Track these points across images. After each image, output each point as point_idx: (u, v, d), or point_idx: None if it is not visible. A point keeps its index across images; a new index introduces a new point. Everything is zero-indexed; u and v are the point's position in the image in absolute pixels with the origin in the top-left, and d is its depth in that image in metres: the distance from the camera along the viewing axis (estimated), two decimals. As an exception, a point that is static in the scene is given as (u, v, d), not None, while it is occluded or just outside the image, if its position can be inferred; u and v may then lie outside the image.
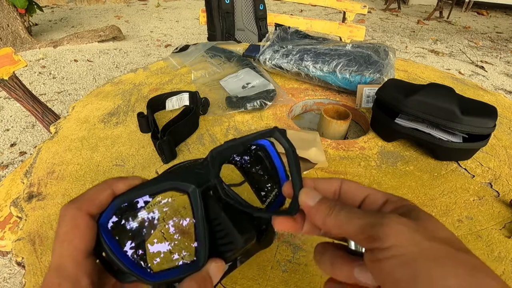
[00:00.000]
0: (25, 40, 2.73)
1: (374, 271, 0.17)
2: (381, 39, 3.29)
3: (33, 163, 0.49)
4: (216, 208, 0.22)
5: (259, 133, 0.24)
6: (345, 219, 0.19)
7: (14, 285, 1.02)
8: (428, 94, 0.51)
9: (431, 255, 0.16)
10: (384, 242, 0.16)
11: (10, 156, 1.52)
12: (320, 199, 0.21)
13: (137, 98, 0.67)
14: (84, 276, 0.18)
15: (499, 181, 0.50)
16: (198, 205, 0.22)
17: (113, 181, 0.21)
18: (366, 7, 1.32)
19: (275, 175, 0.29)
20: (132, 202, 0.21)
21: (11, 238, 0.72)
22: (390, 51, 0.72)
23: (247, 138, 0.25)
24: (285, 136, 0.23)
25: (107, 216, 0.20)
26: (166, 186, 0.22)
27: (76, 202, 0.20)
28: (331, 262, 0.21)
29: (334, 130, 0.59)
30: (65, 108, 1.89)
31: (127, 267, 0.19)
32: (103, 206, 0.20)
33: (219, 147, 0.25)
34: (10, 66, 0.81)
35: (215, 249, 0.22)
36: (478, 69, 2.63)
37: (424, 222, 0.18)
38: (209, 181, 0.23)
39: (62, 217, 0.19)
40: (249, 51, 0.82)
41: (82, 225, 0.19)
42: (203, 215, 0.22)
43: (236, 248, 0.21)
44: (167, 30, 3.34)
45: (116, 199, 0.21)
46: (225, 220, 0.22)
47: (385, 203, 0.20)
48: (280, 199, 0.27)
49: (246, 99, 0.63)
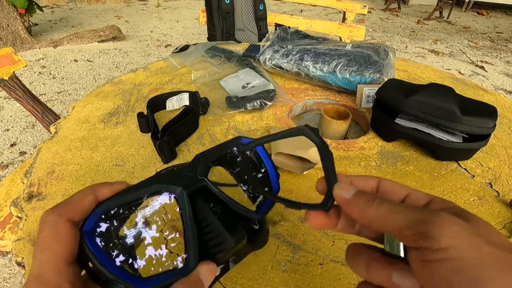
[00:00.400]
0: (25, 40, 2.73)
1: (421, 272, 0.16)
2: (381, 39, 3.29)
3: (33, 163, 0.49)
4: (205, 209, 0.22)
5: (287, 131, 0.24)
6: (388, 212, 0.18)
7: (14, 285, 1.02)
8: (428, 94, 0.51)
9: (493, 262, 0.14)
10: (439, 242, 0.15)
11: (10, 156, 1.52)
12: (357, 191, 0.20)
13: (137, 98, 0.67)
14: (66, 284, 0.18)
15: (499, 181, 0.50)
16: (186, 207, 0.21)
17: (97, 187, 0.21)
18: (366, 7, 1.32)
19: (265, 174, 0.29)
20: (117, 207, 0.21)
21: (11, 238, 0.72)
22: (390, 51, 0.72)
23: (232, 140, 0.26)
24: (317, 134, 0.23)
25: (91, 223, 0.20)
26: (152, 190, 0.22)
27: (57, 208, 0.19)
28: (366, 264, 0.19)
29: (334, 130, 0.59)
30: (65, 108, 1.89)
31: (112, 274, 0.18)
32: (85, 212, 0.20)
33: (206, 150, 0.25)
34: (10, 66, 0.81)
35: (205, 251, 0.21)
36: (478, 69, 2.63)
37: (478, 225, 0.16)
38: (197, 182, 0.23)
39: (43, 224, 0.19)
40: (249, 51, 0.82)
41: (63, 232, 0.18)
42: (191, 217, 0.21)
43: (227, 248, 0.21)
44: (167, 30, 3.34)
45: (99, 206, 0.20)
46: (214, 221, 0.22)
47: (429, 203, 0.19)
48: (269, 202, 0.27)
49: (246, 99, 0.63)
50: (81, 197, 0.20)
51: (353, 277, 0.35)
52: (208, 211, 0.22)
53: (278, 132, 0.24)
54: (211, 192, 0.23)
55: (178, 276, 0.20)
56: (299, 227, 0.40)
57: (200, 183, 0.23)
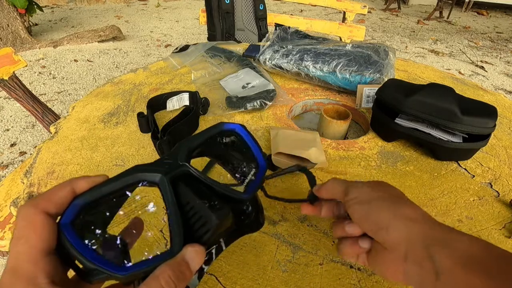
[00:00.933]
0: (25, 40, 2.73)
1: (349, 212, 0.29)
2: (381, 39, 3.29)
3: (33, 163, 0.49)
4: (188, 193, 0.22)
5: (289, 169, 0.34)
6: (335, 185, 0.31)
7: (14, 285, 1.02)
8: (428, 94, 0.51)
9: (376, 198, 0.28)
10: (350, 195, 0.29)
11: (10, 156, 1.52)
12: (321, 186, 0.33)
13: (137, 98, 0.67)
14: (42, 275, 0.17)
15: (499, 181, 0.50)
16: (168, 192, 0.21)
17: (75, 179, 0.21)
18: (366, 7, 1.32)
19: (251, 155, 0.29)
20: (97, 199, 0.21)
21: (11, 238, 0.72)
22: (390, 51, 0.72)
23: (214, 127, 0.28)
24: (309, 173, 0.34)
25: (69, 215, 0.20)
26: (132, 179, 0.21)
27: (32, 200, 0.19)
28: (336, 225, 0.31)
29: (334, 130, 0.59)
30: (65, 108, 1.89)
31: (93, 263, 0.18)
32: (62, 204, 0.20)
33: (186, 138, 0.26)
34: (10, 66, 0.81)
35: (191, 235, 0.21)
36: (478, 69, 2.63)
37: (377, 185, 0.30)
38: (177, 168, 0.23)
39: (18, 216, 0.19)
40: (249, 51, 0.82)
41: (38, 223, 0.18)
42: (174, 201, 0.21)
43: (211, 227, 0.21)
44: (167, 30, 3.34)
45: (76, 198, 0.20)
46: (196, 203, 0.21)
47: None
48: (260, 176, 0.28)
49: (246, 99, 0.63)
50: (57, 189, 0.20)
51: (353, 277, 0.35)
52: (190, 194, 0.22)
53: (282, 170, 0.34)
54: (195, 177, 0.23)
55: (163, 260, 0.20)
56: (299, 227, 0.40)
57: (181, 168, 0.23)
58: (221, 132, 0.29)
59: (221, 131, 0.29)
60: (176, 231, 0.20)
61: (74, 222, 0.20)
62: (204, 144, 0.27)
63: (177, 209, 0.21)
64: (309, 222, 0.41)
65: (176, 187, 0.22)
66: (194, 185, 0.23)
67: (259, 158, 0.30)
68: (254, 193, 0.27)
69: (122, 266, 0.19)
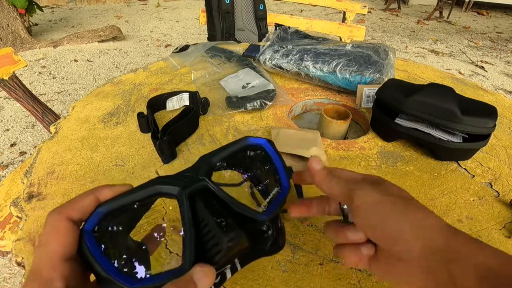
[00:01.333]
0: (25, 40, 2.73)
1: (355, 220, 0.26)
2: (381, 39, 3.29)
3: (33, 163, 0.49)
4: (203, 209, 0.22)
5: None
6: (333, 184, 0.28)
7: (14, 285, 1.02)
8: (428, 94, 0.51)
9: (383, 202, 0.25)
10: (356, 201, 0.25)
11: (10, 156, 1.52)
12: (323, 166, 0.29)
13: (137, 98, 0.67)
14: (58, 279, 0.18)
15: (499, 181, 0.50)
16: (184, 206, 0.21)
17: (99, 188, 0.21)
18: (366, 7, 1.32)
19: (275, 173, 0.28)
20: (119, 208, 0.21)
21: (11, 238, 0.72)
22: (390, 51, 0.72)
23: (239, 141, 0.27)
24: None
25: (91, 222, 0.20)
26: (152, 191, 0.22)
27: (58, 207, 0.20)
28: (334, 230, 0.29)
29: (334, 130, 0.59)
30: (65, 108, 1.89)
31: (106, 273, 0.19)
32: (85, 211, 0.20)
33: (209, 152, 0.25)
34: (10, 66, 0.81)
35: (204, 253, 0.21)
36: (478, 69, 2.64)
37: (385, 186, 0.26)
38: (196, 183, 0.22)
39: (45, 222, 0.20)
40: (249, 51, 0.82)
41: (61, 229, 0.19)
42: (190, 217, 0.21)
43: (222, 249, 0.20)
44: (167, 30, 3.34)
45: (100, 206, 0.20)
46: (211, 222, 0.21)
47: (362, 178, 0.28)
48: (282, 196, 0.27)
49: (246, 99, 0.63)
50: (82, 197, 0.21)
51: (353, 277, 0.35)
52: (206, 211, 0.22)
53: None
54: (213, 193, 0.23)
55: (173, 277, 0.19)
56: (299, 227, 0.40)
57: (200, 183, 0.23)
58: (245, 147, 0.28)
59: (246, 146, 0.27)
60: (188, 248, 0.20)
61: (96, 229, 0.20)
62: (227, 158, 0.26)
63: (192, 225, 0.21)
64: (309, 222, 0.41)
65: (194, 202, 0.22)
66: (211, 201, 0.23)
67: (282, 178, 0.28)
68: (274, 214, 0.26)
69: (133, 279, 0.19)
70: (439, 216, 0.24)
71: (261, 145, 0.28)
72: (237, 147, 0.27)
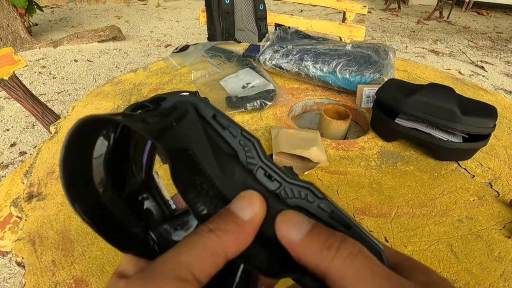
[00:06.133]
0: (25, 40, 2.73)
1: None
2: (381, 39, 3.29)
3: (33, 163, 0.49)
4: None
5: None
6: (367, 274, 0.13)
7: (14, 285, 1.02)
8: (428, 94, 0.51)
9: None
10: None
11: (10, 156, 1.52)
12: (311, 228, 0.14)
13: (137, 98, 0.67)
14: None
15: (499, 181, 0.50)
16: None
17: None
18: (366, 7, 1.32)
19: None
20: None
21: (11, 238, 0.72)
22: (390, 51, 0.72)
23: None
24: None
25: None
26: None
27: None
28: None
29: (334, 130, 0.59)
30: (65, 108, 1.89)
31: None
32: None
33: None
34: (10, 66, 0.81)
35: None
36: (478, 69, 2.63)
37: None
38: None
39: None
40: (249, 51, 0.82)
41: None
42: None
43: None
44: (167, 30, 3.34)
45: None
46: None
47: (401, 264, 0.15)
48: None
49: (246, 99, 0.63)
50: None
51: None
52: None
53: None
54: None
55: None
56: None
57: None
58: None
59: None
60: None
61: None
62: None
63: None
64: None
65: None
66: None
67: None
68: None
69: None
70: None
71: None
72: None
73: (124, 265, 0.16)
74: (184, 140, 0.15)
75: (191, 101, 0.17)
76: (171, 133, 0.15)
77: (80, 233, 0.39)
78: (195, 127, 0.16)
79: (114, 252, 0.37)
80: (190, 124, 0.16)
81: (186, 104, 0.17)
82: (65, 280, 0.34)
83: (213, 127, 0.17)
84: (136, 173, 0.19)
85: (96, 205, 0.16)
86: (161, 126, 0.15)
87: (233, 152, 0.17)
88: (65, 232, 0.39)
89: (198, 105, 0.17)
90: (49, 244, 0.38)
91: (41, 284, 0.34)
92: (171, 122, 0.15)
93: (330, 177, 0.49)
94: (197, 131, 0.16)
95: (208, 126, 0.17)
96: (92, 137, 0.16)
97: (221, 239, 0.14)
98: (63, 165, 0.14)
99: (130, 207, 0.18)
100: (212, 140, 0.17)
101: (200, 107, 0.17)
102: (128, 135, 0.18)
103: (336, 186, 0.47)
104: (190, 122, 0.16)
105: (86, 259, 0.36)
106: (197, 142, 0.16)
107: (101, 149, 0.16)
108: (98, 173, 0.16)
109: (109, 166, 0.16)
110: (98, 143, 0.16)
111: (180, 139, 0.15)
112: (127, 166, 0.18)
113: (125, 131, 0.17)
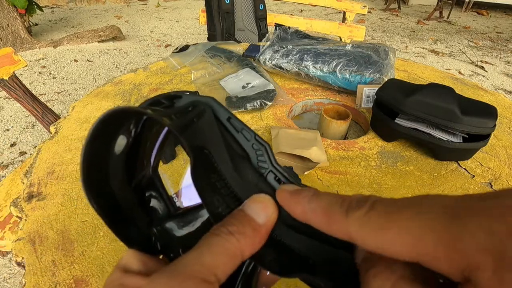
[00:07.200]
0: (25, 40, 2.72)
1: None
2: (381, 39, 3.29)
3: (33, 163, 0.49)
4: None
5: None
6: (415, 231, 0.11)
7: (14, 285, 1.02)
8: (428, 94, 0.51)
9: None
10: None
11: (10, 156, 1.52)
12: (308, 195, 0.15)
13: (137, 98, 0.67)
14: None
15: (499, 181, 0.50)
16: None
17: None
18: (366, 7, 1.32)
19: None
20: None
21: (11, 238, 0.72)
22: (390, 51, 0.72)
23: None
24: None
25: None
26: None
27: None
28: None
29: (334, 130, 0.59)
30: (65, 108, 1.89)
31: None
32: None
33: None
34: (10, 66, 0.81)
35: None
36: (478, 69, 2.63)
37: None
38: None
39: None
40: (249, 51, 0.82)
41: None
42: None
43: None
44: (167, 30, 3.34)
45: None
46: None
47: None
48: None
49: (246, 99, 0.63)
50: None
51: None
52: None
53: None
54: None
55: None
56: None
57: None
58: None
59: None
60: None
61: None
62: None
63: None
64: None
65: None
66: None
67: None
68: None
69: None
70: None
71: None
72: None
73: (128, 259, 0.16)
74: (201, 138, 0.16)
75: (207, 102, 0.18)
76: (191, 130, 0.15)
77: (80, 233, 0.39)
78: (212, 127, 0.17)
79: (114, 252, 0.37)
80: (207, 123, 0.17)
81: (203, 104, 0.17)
82: (65, 280, 0.34)
83: (227, 129, 0.18)
84: (146, 169, 0.19)
85: (109, 198, 0.16)
86: (183, 122, 0.15)
87: (245, 154, 0.18)
88: (65, 232, 0.39)
89: (214, 106, 0.18)
90: (49, 244, 0.38)
91: (41, 284, 0.34)
92: (192, 119, 0.16)
93: (330, 177, 0.49)
94: (214, 131, 0.17)
95: (222, 127, 0.18)
96: (116, 129, 0.16)
97: (240, 242, 0.14)
98: (85, 152, 0.14)
99: (139, 202, 0.18)
100: (226, 141, 0.17)
101: (216, 108, 0.18)
102: (147, 131, 0.18)
103: (336, 186, 0.47)
104: (207, 122, 0.17)
105: (86, 259, 0.36)
106: (213, 141, 0.17)
107: (122, 142, 0.17)
108: (114, 165, 0.17)
109: (126, 159, 0.17)
110: (120, 137, 0.17)
111: (198, 137, 0.16)
112: (139, 161, 0.19)
113: (144, 127, 0.18)
